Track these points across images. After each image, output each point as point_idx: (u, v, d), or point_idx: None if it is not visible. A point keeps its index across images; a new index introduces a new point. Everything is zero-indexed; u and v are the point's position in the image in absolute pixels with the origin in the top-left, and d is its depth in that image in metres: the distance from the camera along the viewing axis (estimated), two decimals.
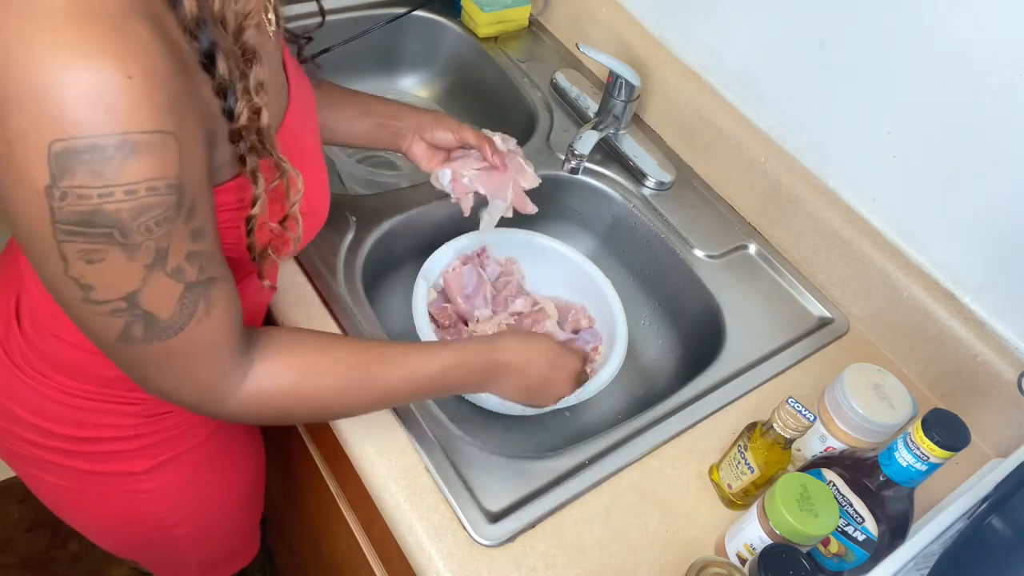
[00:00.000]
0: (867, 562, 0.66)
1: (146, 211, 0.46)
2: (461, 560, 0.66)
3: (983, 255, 0.83)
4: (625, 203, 1.04)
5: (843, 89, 0.89)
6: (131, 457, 0.75)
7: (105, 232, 0.45)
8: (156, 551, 0.89)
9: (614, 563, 0.69)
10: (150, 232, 0.47)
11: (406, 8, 1.19)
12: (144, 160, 0.44)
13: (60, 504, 0.82)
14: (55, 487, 0.79)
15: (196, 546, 0.90)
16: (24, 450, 0.75)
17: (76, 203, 0.44)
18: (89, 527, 0.86)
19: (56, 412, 0.71)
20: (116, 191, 0.44)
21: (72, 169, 0.43)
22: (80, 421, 0.72)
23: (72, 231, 0.45)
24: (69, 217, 0.45)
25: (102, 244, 0.46)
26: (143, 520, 0.82)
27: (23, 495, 1.51)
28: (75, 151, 0.42)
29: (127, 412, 0.72)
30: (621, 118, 1.05)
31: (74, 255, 0.46)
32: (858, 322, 0.95)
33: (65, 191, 0.44)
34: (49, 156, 0.42)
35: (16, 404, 0.72)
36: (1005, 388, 0.82)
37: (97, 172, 0.43)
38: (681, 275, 0.98)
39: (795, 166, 0.97)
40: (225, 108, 0.52)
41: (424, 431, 0.74)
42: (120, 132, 0.43)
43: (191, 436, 0.78)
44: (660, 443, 0.78)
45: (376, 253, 0.90)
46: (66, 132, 0.42)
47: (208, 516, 0.88)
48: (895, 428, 0.73)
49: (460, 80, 1.26)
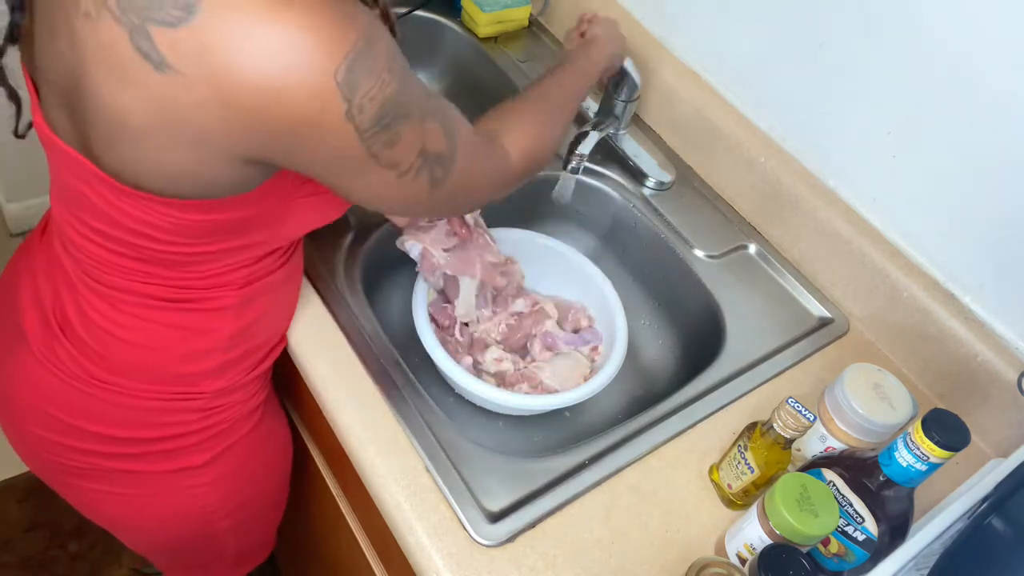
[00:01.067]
0: (867, 562, 0.66)
1: (399, 78, 0.53)
2: (461, 560, 0.66)
3: (983, 255, 0.83)
4: (625, 203, 1.04)
5: (843, 89, 0.89)
6: (191, 452, 0.76)
7: (393, 115, 0.53)
8: (198, 546, 0.90)
9: (614, 563, 0.69)
10: (408, 93, 0.54)
11: (406, 8, 1.19)
12: (378, 41, 0.52)
13: (105, 510, 0.82)
14: (104, 494, 0.78)
15: (237, 538, 0.91)
16: (73, 460, 0.75)
17: (370, 106, 0.51)
18: (133, 528, 0.85)
19: (122, 417, 0.72)
20: (384, 76, 0.52)
21: (357, 81, 0.50)
22: (149, 422, 0.73)
23: (375, 131, 0.53)
24: (370, 122, 0.52)
25: (395, 126, 0.54)
26: (195, 514, 0.82)
27: (23, 495, 1.51)
28: (350, 66, 0.49)
29: (190, 408, 0.73)
30: (621, 118, 1.05)
31: (381, 147, 0.54)
32: (858, 322, 0.95)
33: (361, 104, 0.51)
34: (337, 85, 0.49)
35: (70, 414, 0.71)
36: (1005, 388, 0.82)
37: (370, 70, 0.51)
38: (681, 275, 0.98)
39: (795, 166, 0.97)
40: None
41: (424, 431, 0.74)
42: (359, 34, 0.50)
43: (240, 427, 0.79)
44: (660, 443, 0.78)
45: (376, 253, 0.90)
46: (337, 59, 0.49)
47: (251, 507, 0.89)
48: (895, 428, 0.73)
49: (460, 80, 1.26)
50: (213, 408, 0.75)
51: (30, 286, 0.73)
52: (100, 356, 0.69)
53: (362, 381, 0.77)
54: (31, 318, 0.71)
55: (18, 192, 1.79)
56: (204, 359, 0.71)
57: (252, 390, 0.79)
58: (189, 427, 0.74)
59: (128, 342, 0.68)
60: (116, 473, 0.76)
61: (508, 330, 0.94)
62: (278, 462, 0.92)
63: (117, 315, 0.67)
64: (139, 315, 0.67)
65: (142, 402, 0.71)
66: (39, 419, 0.73)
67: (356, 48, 0.49)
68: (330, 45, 0.48)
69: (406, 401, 0.76)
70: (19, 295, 0.73)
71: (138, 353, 0.69)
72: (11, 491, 1.52)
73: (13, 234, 1.82)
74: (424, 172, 0.59)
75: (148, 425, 0.73)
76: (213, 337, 0.70)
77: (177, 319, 0.68)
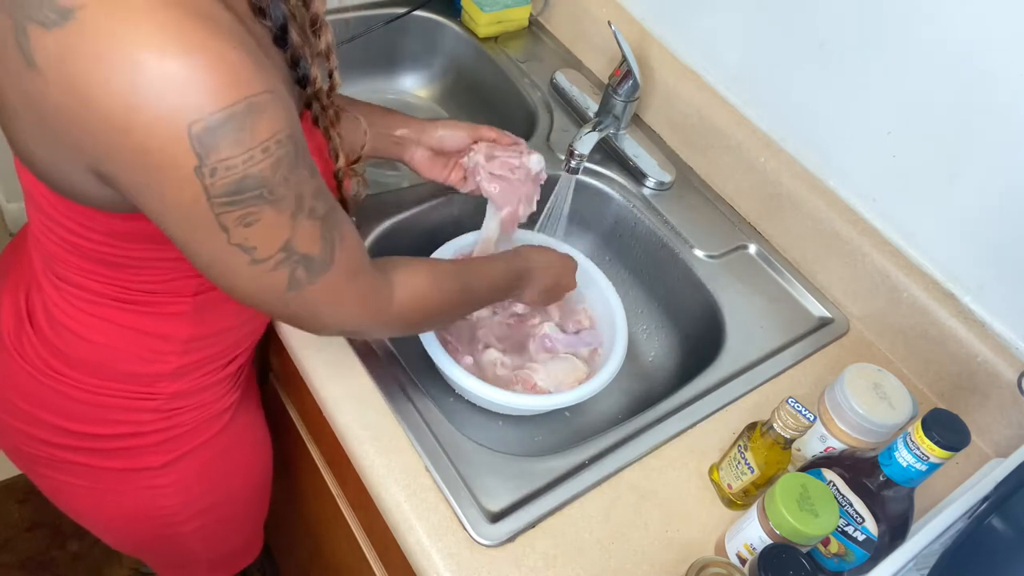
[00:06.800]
0: (867, 562, 0.66)
1: (280, 163, 0.49)
2: (461, 560, 0.66)
3: (983, 255, 0.83)
4: (625, 203, 1.04)
5: (843, 89, 0.89)
6: (148, 452, 0.76)
7: (255, 194, 0.49)
8: (166, 548, 0.89)
9: (614, 563, 0.69)
10: (287, 182, 0.50)
11: (406, 8, 1.19)
12: (267, 117, 0.48)
13: (72, 502, 0.82)
14: (68, 485, 0.79)
15: (205, 543, 0.90)
16: (39, 450, 0.75)
17: (225, 175, 0.47)
18: (100, 524, 0.86)
19: (78, 411, 0.72)
20: (255, 152, 0.48)
21: (215, 144, 0.46)
22: (102, 418, 0.72)
23: (227, 202, 0.49)
24: (222, 190, 0.48)
25: (255, 205, 0.50)
26: (156, 516, 0.82)
27: (23, 495, 1.51)
28: (213, 127, 0.45)
29: (146, 407, 0.73)
30: (621, 118, 1.05)
31: (233, 223, 0.50)
32: (858, 322, 0.95)
33: (214, 167, 0.47)
34: (190, 139, 0.45)
35: (33, 405, 0.72)
36: (1005, 388, 0.82)
37: (237, 140, 0.47)
38: (681, 275, 0.98)
39: (795, 166, 0.97)
40: (300, 75, 0.57)
41: (424, 431, 0.74)
42: (244, 98, 0.46)
43: (205, 430, 0.79)
44: (660, 443, 0.78)
45: (376, 253, 0.90)
46: (201, 112, 0.45)
47: (219, 512, 0.88)
48: (895, 428, 0.73)
49: (460, 80, 1.26)
50: (173, 410, 0.74)
51: (12, 279, 0.74)
52: (59, 350, 0.69)
53: (362, 380, 0.77)
54: (7, 308, 0.72)
55: (18, 192, 1.78)
56: (159, 361, 0.71)
57: (219, 392, 0.78)
58: (144, 427, 0.74)
59: (84, 338, 0.68)
60: (75, 465, 0.76)
61: (508, 330, 0.94)
62: (252, 466, 0.90)
63: (75, 311, 0.67)
64: (94, 313, 0.67)
65: (96, 398, 0.71)
66: (6, 407, 0.74)
67: (230, 110, 0.46)
68: (201, 95, 0.45)
69: (406, 401, 0.76)
70: (2, 287, 0.75)
71: (93, 350, 0.69)
72: (11, 491, 1.52)
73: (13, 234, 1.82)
74: (284, 268, 0.54)
75: (101, 421, 0.72)
76: (169, 341, 0.70)
77: (130, 320, 0.68)
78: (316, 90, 0.59)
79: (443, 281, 0.70)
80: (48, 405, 0.72)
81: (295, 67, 0.57)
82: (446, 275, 0.71)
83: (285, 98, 0.50)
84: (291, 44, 0.56)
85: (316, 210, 0.54)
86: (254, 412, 0.89)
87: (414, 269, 0.68)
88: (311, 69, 0.58)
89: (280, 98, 0.49)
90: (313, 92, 0.59)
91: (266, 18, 0.54)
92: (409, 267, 0.67)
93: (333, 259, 0.57)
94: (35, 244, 0.68)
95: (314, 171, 0.54)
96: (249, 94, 0.46)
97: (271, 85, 0.48)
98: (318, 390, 0.76)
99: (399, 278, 0.66)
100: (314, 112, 0.61)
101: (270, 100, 0.48)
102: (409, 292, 0.66)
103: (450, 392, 0.89)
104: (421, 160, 0.88)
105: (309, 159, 0.53)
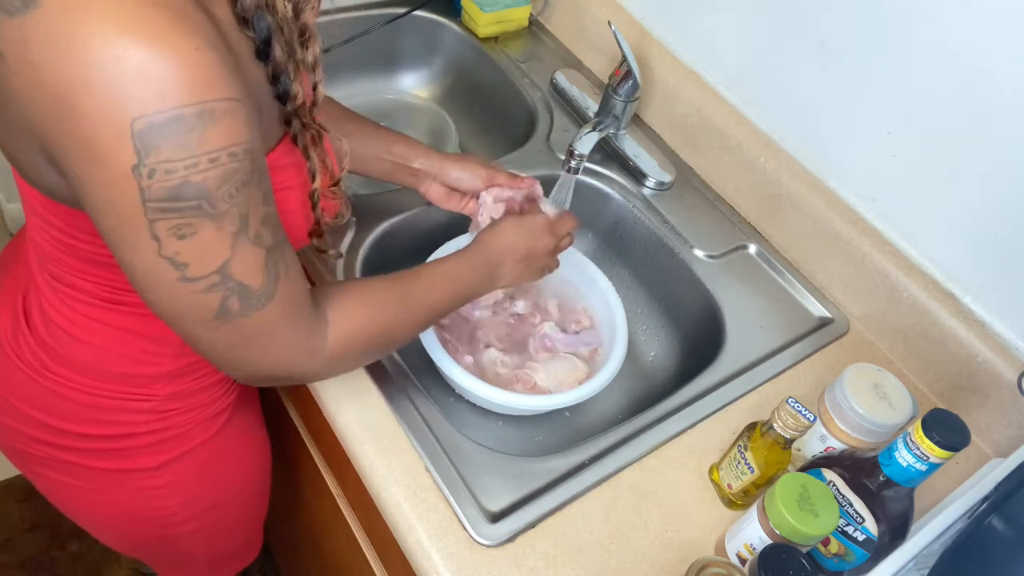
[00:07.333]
0: (867, 562, 0.66)
1: (229, 178, 0.46)
2: (461, 560, 0.66)
3: (983, 255, 0.83)
4: (625, 203, 1.04)
5: (843, 89, 0.89)
6: (143, 453, 0.76)
7: (194, 204, 0.46)
8: (163, 548, 0.89)
9: (614, 563, 0.69)
10: (232, 199, 0.47)
11: (406, 8, 1.19)
12: (222, 127, 0.45)
13: (68, 502, 0.82)
14: (64, 485, 0.79)
15: (203, 543, 0.91)
16: (34, 449, 0.75)
17: (164, 178, 0.45)
18: (97, 524, 0.86)
19: (71, 411, 0.72)
20: (201, 160, 0.45)
21: (157, 144, 0.44)
22: (95, 419, 0.72)
23: (163, 208, 0.46)
24: (159, 194, 0.45)
25: (192, 217, 0.46)
26: (153, 516, 0.82)
27: (23, 495, 1.51)
28: (158, 126, 0.43)
29: (140, 408, 0.73)
30: (621, 118, 1.05)
31: (166, 233, 0.47)
32: (858, 322, 0.95)
33: (153, 168, 0.44)
34: (132, 135, 0.43)
35: (28, 405, 0.72)
36: (1005, 388, 0.82)
37: (182, 144, 0.44)
38: (681, 275, 0.98)
39: (795, 166, 0.97)
40: (280, 91, 0.54)
41: (424, 431, 0.74)
42: (198, 102, 0.44)
43: (201, 432, 0.79)
44: (660, 443, 0.78)
45: (376, 253, 0.90)
46: (147, 108, 0.43)
47: (217, 513, 0.88)
48: (895, 428, 0.73)
49: (460, 80, 1.26)
50: (168, 411, 0.74)
51: (11, 279, 0.74)
52: (53, 349, 0.69)
53: (362, 381, 0.77)
54: (5, 309, 0.72)
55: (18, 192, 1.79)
56: (153, 363, 0.71)
57: (214, 395, 0.78)
58: (138, 428, 0.74)
59: (78, 339, 0.68)
60: (71, 465, 0.76)
61: (508, 330, 0.94)
62: (250, 467, 0.90)
63: (69, 312, 0.67)
64: (88, 314, 0.67)
65: (91, 398, 0.71)
66: (3, 406, 0.74)
67: (179, 111, 0.43)
68: (151, 90, 0.42)
69: (406, 401, 0.76)
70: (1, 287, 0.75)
71: (87, 350, 0.69)
72: (11, 491, 1.52)
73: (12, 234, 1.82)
74: (216, 293, 0.50)
75: (95, 422, 0.72)
76: (163, 343, 0.70)
77: (123, 321, 0.67)
78: (297, 106, 0.56)
79: (377, 305, 0.65)
80: (43, 405, 0.72)
81: (275, 82, 0.54)
82: (379, 295, 0.66)
83: (249, 112, 0.48)
84: (273, 59, 0.53)
85: (262, 238, 0.51)
86: (252, 414, 0.89)
87: (344, 300, 0.63)
88: (292, 85, 0.54)
89: (244, 109, 0.47)
90: (294, 109, 0.56)
91: (250, 29, 0.51)
92: (340, 299, 0.63)
93: (274, 295, 0.53)
94: (32, 244, 0.68)
95: (269, 198, 0.51)
96: (207, 98, 0.44)
97: (235, 94, 0.46)
98: (318, 390, 0.76)
99: (332, 315, 0.61)
100: (294, 130, 0.58)
101: (229, 109, 0.45)
102: (345, 328, 0.62)
103: (450, 392, 0.89)
104: (437, 194, 0.89)
105: (267, 185, 0.51)
